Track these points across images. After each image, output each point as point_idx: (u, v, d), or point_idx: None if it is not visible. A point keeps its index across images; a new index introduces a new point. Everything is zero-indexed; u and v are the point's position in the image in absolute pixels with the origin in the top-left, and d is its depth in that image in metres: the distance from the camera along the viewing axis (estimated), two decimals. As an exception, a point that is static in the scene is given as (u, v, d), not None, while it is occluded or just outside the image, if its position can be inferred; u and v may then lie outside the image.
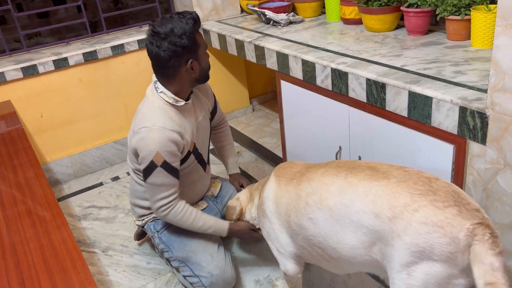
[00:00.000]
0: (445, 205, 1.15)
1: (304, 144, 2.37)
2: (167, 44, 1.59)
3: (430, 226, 1.13)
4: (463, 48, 1.88)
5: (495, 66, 1.31)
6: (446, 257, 1.12)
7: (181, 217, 1.75)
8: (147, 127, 1.66)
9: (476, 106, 1.40)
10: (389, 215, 1.20)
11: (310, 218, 1.40)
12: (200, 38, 1.68)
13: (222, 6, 3.08)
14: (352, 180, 1.32)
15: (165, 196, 1.71)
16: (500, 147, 1.38)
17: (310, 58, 2.02)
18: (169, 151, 1.66)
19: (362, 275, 1.95)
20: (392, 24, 2.24)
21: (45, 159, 2.85)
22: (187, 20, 1.61)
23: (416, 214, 1.16)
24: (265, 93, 3.70)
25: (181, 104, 1.72)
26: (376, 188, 1.26)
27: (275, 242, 1.62)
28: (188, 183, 1.90)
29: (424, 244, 1.13)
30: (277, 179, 1.61)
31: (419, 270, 1.15)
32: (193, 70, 1.68)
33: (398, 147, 1.74)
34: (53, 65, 2.67)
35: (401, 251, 1.17)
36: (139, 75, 2.96)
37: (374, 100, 1.76)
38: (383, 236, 1.22)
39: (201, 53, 1.69)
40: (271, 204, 1.59)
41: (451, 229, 1.11)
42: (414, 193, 1.20)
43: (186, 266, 1.84)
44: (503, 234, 1.48)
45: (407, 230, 1.16)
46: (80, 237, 2.41)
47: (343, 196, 1.31)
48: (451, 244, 1.11)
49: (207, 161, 2.00)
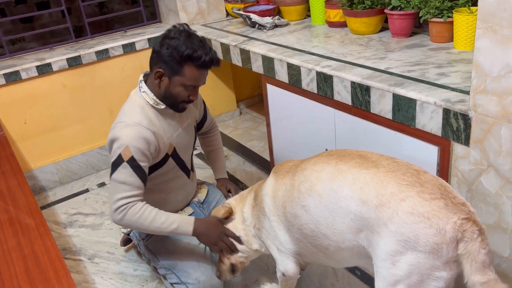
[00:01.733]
0: (432, 197, 1.16)
1: (291, 147, 2.36)
2: (165, 42, 1.60)
3: (416, 216, 1.14)
4: (446, 50, 1.89)
5: (476, 69, 1.32)
6: (431, 248, 1.13)
7: (139, 217, 1.61)
8: (124, 122, 1.66)
9: (459, 108, 1.41)
10: (376, 202, 1.21)
11: (302, 205, 1.41)
12: (191, 72, 1.61)
13: (207, 10, 3.08)
14: (342, 167, 1.34)
15: (125, 196, 1.61)
16: (483, 148, 1.39)
17: (296, 61, 2.03)
18: (139, 147, 1.62)
19: (350, 277, 1.95)
20: (376, 27, 2.25)
21: (29, 166, 2.81)
22: (196, 48, 1.58)
23: (402, 203, 1.17)
24: (252, 97, 3.70)
25: (161, 107, 1.72)
26: (364, 176, 1.27)
27: (275, 241, 1.61)
28: (172, 189, 1.89)
29: (410, 233, 1.14)
30: (274, 175, 1.61)
31: (403, 260, 1.17)
32: (160, 82, 1.66)
33: (383, 149, 1.74)
34: (37, 71, 2.64)
35: (386, 239, 1.18)
36: (124, 80, 2.94)
37: (359, 103, 1.76)
38: (369, 223, 1.23)
39: (177, 81, 1.63)
40: (269, 201, 1.58)
41: (438, 220, 1.12)
42: (401, 183, 1.21)
43: (173, 273, 1.82)
44: (488, 235, 1.49)
45: (393, 219, 1.17)
46: (66, 244, 2.38)
47: (333, 182, 1.33)
48: (437, 235, 1.12)
49: (191, 168, 1.99)
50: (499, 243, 1.47)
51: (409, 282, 1.17)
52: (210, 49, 1.63)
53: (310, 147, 2.18)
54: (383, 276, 1.22)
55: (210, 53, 1.62)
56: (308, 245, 1.49)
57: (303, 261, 1.64)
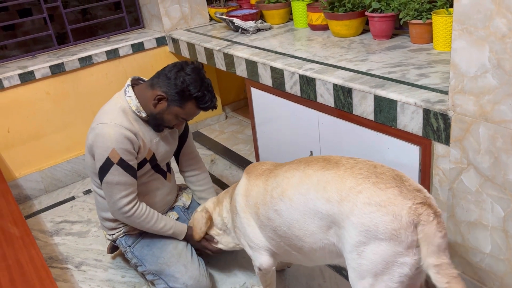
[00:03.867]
0: (387, 187, 1.22)
1: (276, 150, 2.38)
2: (181, 75, 1.66)
3: (373, 206, 1.20)
4: (426, 51, 1.93)
5: (454, 69, 1.34)
6: (390, 235, 1.18)
7: (144, 218, 1.76)
8: (104, 123, 1.68)
9: (439, 108, 1.44)
10: (338, 198, 1.28)
11: (275, 210, 1.47)
12: (190, 109, 1.72)
13: (190, 15, 3.08)
14: (308, 171, 1.41)
15: (124, 196, 1.70)
16: (463, 147, 1.42)
17: (279, 65, 2.04)
18: (125, 148, 1.67)
19: (337, 278, 1.96)
20: (357, 29, 2.28)
21: (13, 175, 2.78)
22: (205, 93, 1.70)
23: (359, 195, 1.24)
24: (238, 100, 3.71)
25: (143, 115, 1.74)
26: (327, 176, 1.34)
27: (245, 237, 1.65)
28: (149, 191, 1.89)
29: (369, 223, 1.20)
30: (247, 176, 1.66)
31: (367, 250, 1.22)
32: (157, 103, 1.70)
33: (366, 150, 1.77)
34: (19, 79, 2.61)
35: (350, 232, 1.24)
36: (108, 86, 2.92)
37: (342, 105, 1.78)
38: (335, 219, 1.29)
39: (174, 110, 1.71)
40: (241, 199, 1.64)
41: (393, 207, 1.18)
42: (358, 177, 1.28)
43: (161, 278, 1.82)
44: (469, 232, 1.52)
45: (354, 211, 1.23)
46: (52, 253, 2.35)
47: (301, 186, 1.40)
48: (393, 221, 1.17)
49: (167, 169, 2.00)
50: (481, 240, 1.50)
51: (376, 271, 1.22)
52: (214, 95, 1.75)
53: (295, 149, 2.20)
54: (353, 267, 1.28)
55: (213, 99, 1.74)
56: (282, 244, 1.54)
57: (278, 256, 1.66)
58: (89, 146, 1.72)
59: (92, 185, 1.93)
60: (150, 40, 2.98)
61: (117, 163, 1.65)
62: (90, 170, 1.83)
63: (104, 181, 1.68)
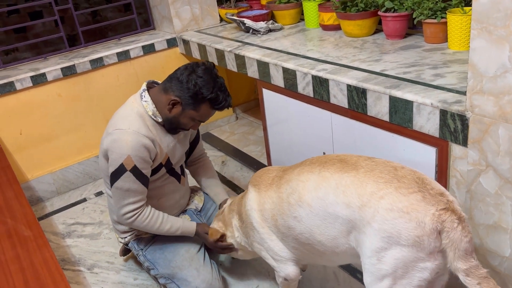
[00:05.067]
0: (410, 192, 1.19)
1: (288, 151, 2.36)
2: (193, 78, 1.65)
3: (396, 212, 1.18)
4: (441, 51, 1.90)
5: (472, 69, 1.32)
6: (413, 241, 1.16)
7: (148, 223, 1.75)
8: (122, 130, 1.66)
9: (456, 109, 1.41)
10: (358, 204, 1.25)
11: (294, 217, 1.44)
12: (205, 111, 1.71)
13: (201, 16, 3.08)
14: (325, 174, 1.37)
15: (131, 202, 1.69)
16: (481, 148, 1.39)
17: (291, 65, 2.02)
18: (141, 156, 1.65)
19: (351, 281, 1.94)
20: (370, 29, 2.25)
21: (26, 177, 2.79)
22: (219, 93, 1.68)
23: (381, 201, 1.21)
24: (248, 101, 3.70)
25: (159, 120, 1.73)
26: (346, 180, 1.31)
27: (269, 251, 1.62)
28: (163, 195, 1.89)
29: (392, 229, 1.18)
30: (255, 188, 1.62)
31: (388, 255, 1.20)
32: (172, 108, 1.69)
33: (381, 152, 1.74)
34: (31, 81, 2.62)
35: (371, 237, 1.22)
36: (119, 88, 2.93)
37: (356, 105, 1.76)
38: (356, 225, 1.27)
39: (189, 114, 1.71)
40: (256, 214, 1.59)
41: (416, 214, 1.16)
42: (379, 181, 1.25)
43: (173, 282, 1.81)
44: (488, 235, 1.49)
45: (375, 217, 1.21)
46: (65, 255, 2.36)
47: (319, 191, 1.36)
48: (417, 228, 1.15)
49: (181, 172, 1.99)
50: (500, 243, 1.47)
51: (395, 275, 1.21)
52: (228, 94, 1.73)
53: (307, 150, 2.18)
54: (370, 271, 1.26)
55: (228, 98, 1.71)
56: (305, 252, 1.52)
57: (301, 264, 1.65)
58: (104, 150, 1.71)
59: (105, 188, 1.92)
60: (161, 42, 2.98)
61: (130, 170, 1.64)
62: (104, 174, 1.83)
63: (114, 186, 1.67)
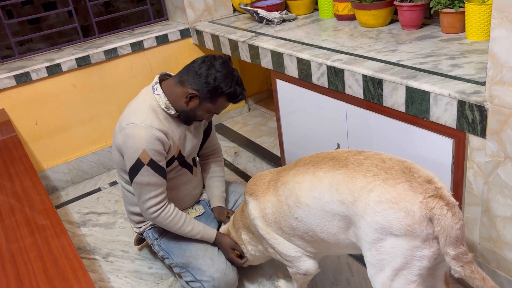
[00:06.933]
0: (397, 182, 1.22)
1: (302, 142, 2.36)
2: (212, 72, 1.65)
3: (385, 203, 1.21)
4: (458, 41, 1.87)
5: (492, 59, 1.30)
6: (405, 231, 1.18)
7: (171, 220, 1.76)
8: (134, 124, 1.66)
9: (475, 100, 1.39)
10: (351, 199, 1.28)
11: (295, 218, 1.47)
12: (222, 103, 1.73)
13: (214, 6, 3.07)
14: (319, 173, 1.40)
15: (153, 196, 1.71)
16: (500, 139, 1.37)
17: (305, 56, 2.01)
18: (156, 149, 1.66)
19: (365, 272, 1.93)
20: (386, 19, 2.23)
21: (41, 166, 2.83)
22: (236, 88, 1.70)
23: (371, 194, 1.24)
24: (261, 92, 3.69)
25: (172, 112, 1.73)
26: (337, 177, 1.34)
27: (281, 255, 1.63)
28: (175, 187, 1.89)
29: (383, 220, 1.21)
30: (252, 197, 1.63)
31: (385, 245, 1.23)
32: (189, 101, 1.69)
33: (397, 143, 1.74)
34: (46, 72, 2.65)
35: (366, 230, 1.25)
36: (133, 78, 2.94)
37: (371, 96, 1.75)
38: (352, 220, 1.31)
39: (206, 107, 1.72)
40: (259, 222, 1.61)
41: (405, 203, 1.18)
42: (368, 175, 1.28)
43: (187, 271, 1.82)
44: (505, 227, 1.48)
45: (367, 210, 1.24)
46: (80, 244, 2.39)
47: (314, 191, 1.39)
48: (406, 217, 1.18)
49: (193, 163, 1.99)
50: (517, 235, 1.46)
51: (395, 265, 1.23)
52: (243, 87, 1.75)
53: (321, 141, 2.18)
54: (372, 264, 1.28)
55: (243, 92, 1.74)
56: (314, 247, 1.55)
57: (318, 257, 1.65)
58: (118, 145, 1.72)
59: (119, 180, 1.94)
60: (174, 32, 2.98)
61: (147, 164, 1.65)
62: (117, 166, 1.84)
63: (135, 181, 1.69)
